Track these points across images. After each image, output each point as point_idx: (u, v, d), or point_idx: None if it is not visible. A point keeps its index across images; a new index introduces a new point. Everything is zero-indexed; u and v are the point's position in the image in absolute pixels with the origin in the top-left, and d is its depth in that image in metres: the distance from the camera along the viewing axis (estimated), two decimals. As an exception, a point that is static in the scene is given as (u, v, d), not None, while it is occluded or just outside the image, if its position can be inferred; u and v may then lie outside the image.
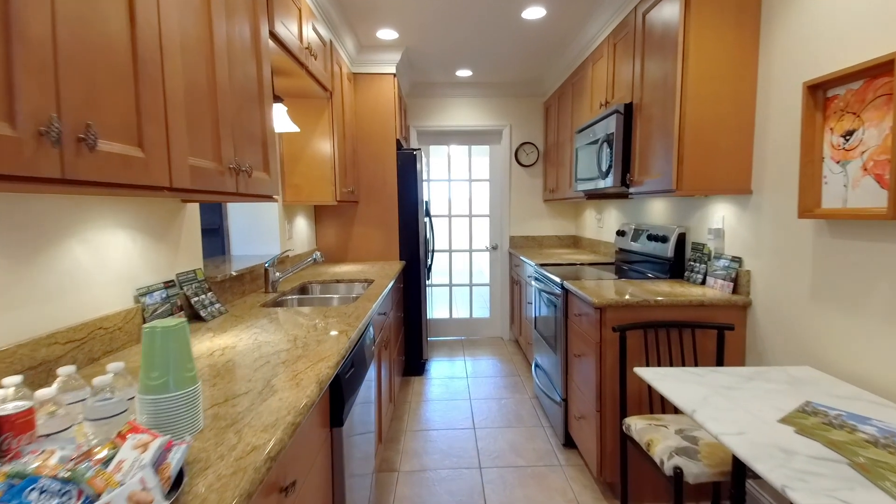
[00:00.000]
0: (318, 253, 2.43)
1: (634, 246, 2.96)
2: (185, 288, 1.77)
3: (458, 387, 3.52)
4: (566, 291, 2.54)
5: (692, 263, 2.44)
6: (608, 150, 2.57)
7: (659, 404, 2.09)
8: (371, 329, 1.95)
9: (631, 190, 2.46)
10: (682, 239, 2.53)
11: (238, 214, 2.76)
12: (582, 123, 3.23)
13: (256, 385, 1.11)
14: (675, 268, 2.53)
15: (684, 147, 2.02)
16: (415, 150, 3.62)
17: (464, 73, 4.12)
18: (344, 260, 3.66)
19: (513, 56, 3.70)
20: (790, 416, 1.32)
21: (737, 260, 2.14)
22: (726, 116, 2.02)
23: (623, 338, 1.97)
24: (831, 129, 1.65)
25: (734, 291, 2.14)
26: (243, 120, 1.56)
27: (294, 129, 2.38)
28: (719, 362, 2.00)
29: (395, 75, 3.51)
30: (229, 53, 1.46)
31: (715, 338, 2.09)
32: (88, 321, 1.31)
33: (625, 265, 3.10)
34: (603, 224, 3.86)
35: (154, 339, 0.86)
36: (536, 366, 3.29)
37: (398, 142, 3.67)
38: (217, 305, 1.87)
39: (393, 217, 3.65)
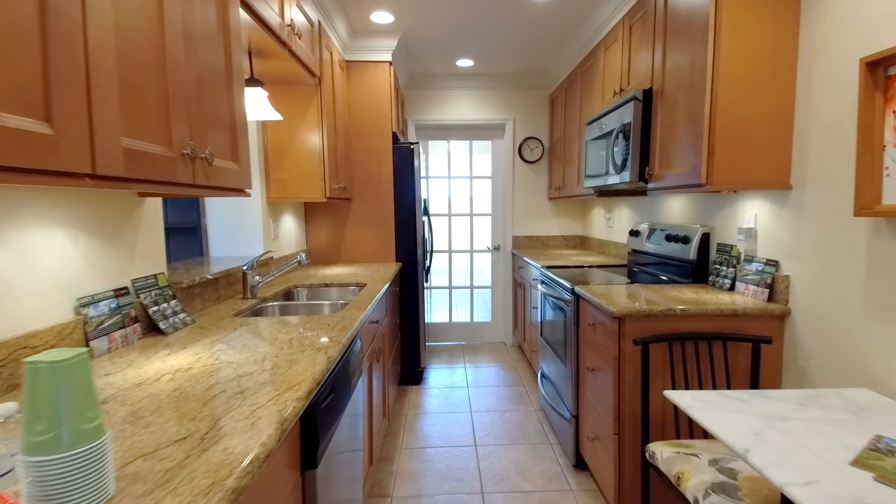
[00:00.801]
0: (304, 254, 2.19)
1: (650, 247, 2.72)
2: (141, 296, 1.53)
3: (458, 397, 3.28)
4: (577, 297, 2.31)
5: (718, 267, 2.20)
6: (624, 141, 2.33)
7: (686, 426, 1.85)
8: (359, 341, 1.71)
9: (650, 186, 2.22)
10: (705, 239, 2.29)
11: (217, 212, 2.52)
12: (592, 114, 2.99)
13: (201, 426, 0.87)
14: (698, 271, 2.29)
15: (716, 136, 1.78)
16: (412, 143, 3.39)
17: (465, 62, 3.88)
18: (336, 261, 3.42)
19: (517, 43, 3.46)
20: (862, 456, 1.08)
21: (772, 263, 1.90)
22: (763, 101, 1.78)
23: (645, 352, 1.74)
24: (895, 112, 1.41)
25: (770, 299, 1.90)
26: (205, 98, 1.32)
27: (276, 116, 2.14)
28: (754, 380, 1.76)
29: (390, 63, 3.27)
30: (185, 17, 1.22)
31: (748, 352, 1.85)
32: (9, 339, 1.07)
33: (639, 268, 2.86)
34: (613, 223, 3.62)
35: (37, 380, 0.63)
36: (543, 376, 3.05)
37: (394, 135, 3.43)
38: (182, 315, 1.64)
39: (389, 216, 3.42)
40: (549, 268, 3.01)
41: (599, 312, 2.02)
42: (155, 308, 1.56)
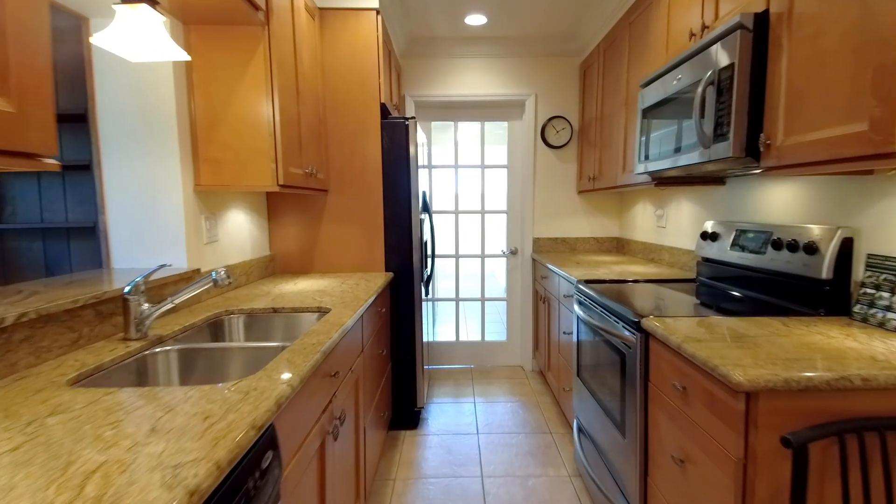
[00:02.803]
0: (222, 271, 1.42)
1: (737, 256, 1.91)
2: None
3: (465, 450, 2.50)
4: (646, 336, 1.51)
5: (872, 292, 1.39)
6: (717, 98, 1.54)
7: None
8: (274, 458, 0.94)
9: (767, 163, 1.42)
10: (846, 248, 1.48)
11: (121, 205, 1.77)
12: (650, 74, 2.18)
13: None
14: (835, 297, 1.49)
15: (926, 64, 0.98)
16: (407, 118, 2.61)
17: (475, 19, 3.09)
18: (309, 270, 2.66)
19: (544, -11, 2.67)
20: None
21: None
22: None
23: (802, 456, 0.94)
24: None
25: None
26: None
27: (178, 55, 1.39)
28: None
29: (377, 12, 2.50)
30: None
31: (976, 451, 1.04)
32: None
33: (715, 285, 2.06)
34: (666, 222, 2.81)
35: None
36: (580, 430, 2.26)
37: (384, 109, 2.66)
38: (-55, 392, 0.88)
39: (376, 212, 2.65)
40: (588, 282, 2.21)
41: (699, 373, 1.22)
42: None
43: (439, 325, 4.74)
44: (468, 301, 3.91)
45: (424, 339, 3.05)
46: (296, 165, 2.05)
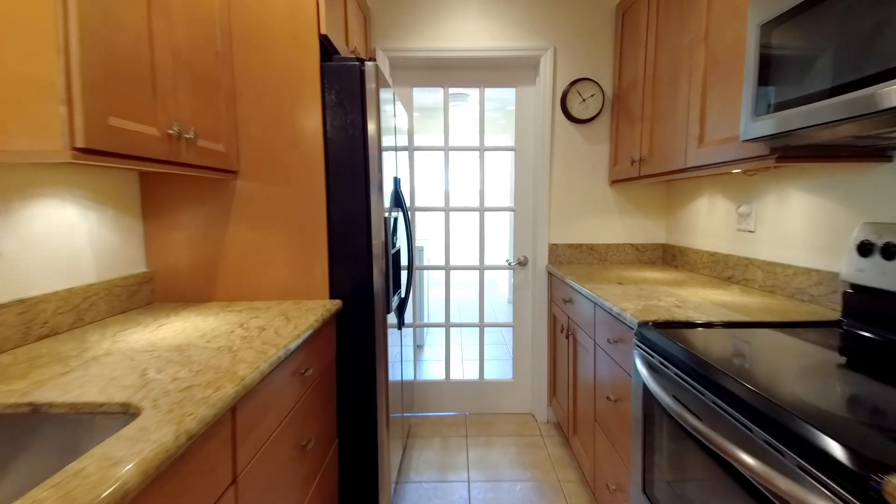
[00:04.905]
0: None
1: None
2: None
3: (450, 581, 1.58)
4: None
5: None
6: None
7: None
8: None
9: None
10: None
11: None
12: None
13: None
14: None
15: None
16: (363, 59, 1.69)
17: (472, -64, 2.17)
18: (210, 298, 1.74)
19: None
20: None
21: None
22: None
23: None
24: None
25: None
26: None
27: None
28: None
29: None
30: None
31: None
32: None
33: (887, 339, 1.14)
34: (755, 223, 1.89)
35: None
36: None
37: (327, 45, 1.75)
38: None
39: (315, 207, 1.73)
40: (662, 326, 1.30)
41: None
42: None
43: (427, 348, 3.81)
44: (462, 328, 2.99)
45: (403, 378, 2.14)
46: (139, 118, 1.13)
